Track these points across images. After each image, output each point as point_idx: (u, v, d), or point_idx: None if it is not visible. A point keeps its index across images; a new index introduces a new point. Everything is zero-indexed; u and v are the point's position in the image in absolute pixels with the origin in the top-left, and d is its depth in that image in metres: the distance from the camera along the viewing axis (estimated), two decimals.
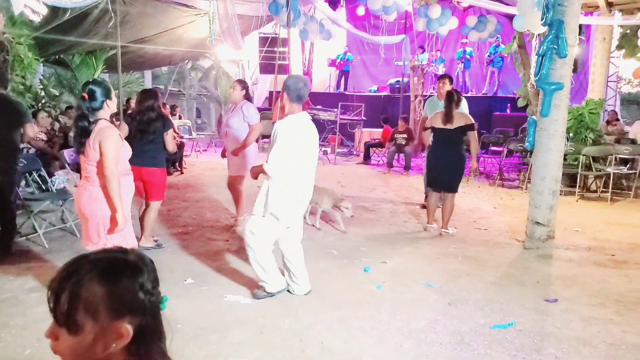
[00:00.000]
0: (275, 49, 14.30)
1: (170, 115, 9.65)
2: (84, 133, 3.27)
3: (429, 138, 5.91)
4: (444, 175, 5.78)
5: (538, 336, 3.35)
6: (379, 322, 3.52)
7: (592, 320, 3.58)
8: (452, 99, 5.73)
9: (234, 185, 5.77)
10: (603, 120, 11.55)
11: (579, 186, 8.39)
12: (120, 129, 4.36)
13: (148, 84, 16.73)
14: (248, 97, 5.67)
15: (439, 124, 5.74)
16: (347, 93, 16.24)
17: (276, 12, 10.31)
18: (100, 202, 3.29)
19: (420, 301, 3.90)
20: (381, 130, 12.47)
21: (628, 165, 8.99)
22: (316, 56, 17.96)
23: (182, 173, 9.70)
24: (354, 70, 17.76)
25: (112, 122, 3.49)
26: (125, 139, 3.56)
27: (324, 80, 18.44)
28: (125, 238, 3.43)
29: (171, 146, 5.01)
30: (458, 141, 5.75)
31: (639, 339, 3.34)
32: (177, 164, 9.77)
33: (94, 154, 3.24)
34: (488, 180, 9.90)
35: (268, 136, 4.66)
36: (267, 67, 14.62)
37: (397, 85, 15.56)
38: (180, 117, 13.31)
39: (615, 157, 8.83)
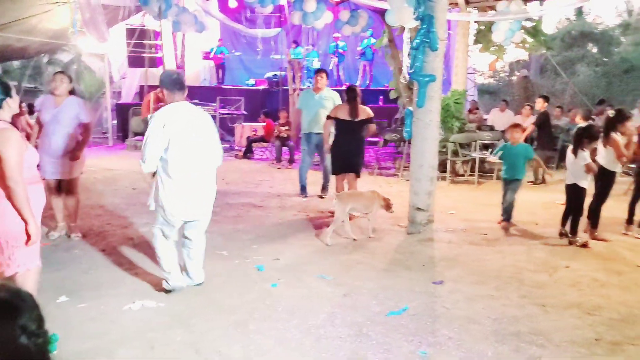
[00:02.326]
0: (145, 42, 13.54)
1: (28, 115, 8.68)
2: None
3: (330, 127, 6.39)
4: (351, 160, 6.37)
5: (430, 319, 3.50)
6: (277, 321, 3.44)
7: (476, 298, 3.82)
8: (355, 94, 6.29)
9: (71, 189, 5.22)
10: (465, 109, 12.51)
11: (449, 171, 9.01)
12: None
13: None
14: (72, 92, 5.23)
15: (345, 117, 6.24)
16: (224, 87, 15.87)
17: (145, 3, 9.71)
18: (3, 216, 2.82)
19: (316, 295, 3.88)
20: (263, 124, 12.36)
21: (490, 150, 9.83)
22: (189, 49, 17.30)
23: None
24: (230, 63, 17.41)
25: (13, 123, 2.99)
26: None
27: (198, 73, 17.85)
28: (31, 256, 3.00)
29: None
30: (360, 131, 6.37)
31: (517, 311, 3.63)
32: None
33: None
34: (367, 170, 10.24)
35: (141, 134, 4.38)
36: (136, 61, 13.78)
37: (275, 79, 15.55)
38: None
39: (478, 143, 9.61)
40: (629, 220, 5.83)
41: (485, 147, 10.00)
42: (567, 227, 5.52)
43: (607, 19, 24.79)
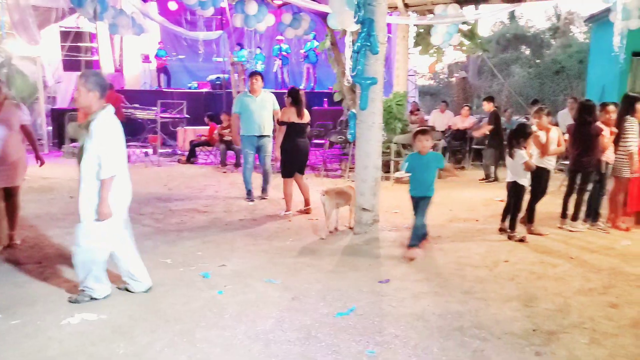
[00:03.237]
0: (81, 45, 13.04)
1: None
2: None
3: (283, 132, 6.48)
4: (303, 161, 6.65)
5: (377, 317, 3.55)
6: (224, 328, 3.39)
7: (421, 295, 3.90)
8: (299, 95, 6.50)
9: (14, 196, 5.06)
10: (407, 111, 12.79)
11: (392, 171, 9.18)
12: None
13: None
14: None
15: (296, 119, 6.43)
16: (165, 90, 15.52)
17: (79, 5, 9.34)
18: None
19: (264, 300, 3.85)
20: (207, 128, 12.16)
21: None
22: (128, 52, 16.81)
23: None
24: (172, 66, 17.05)
25: None
26: None
27: (138, 77, 17.36)
28: None
29: None
30: (305, 132, 6.64)
31: (461, 306, 3.74)
32: None
33: None
34: (314, 172, 10.28)
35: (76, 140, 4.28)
36: (72, 64, 13.24)
37: (218, 82, 15.36)
38: None
39: None
40: (563, 215, 6.12)
41: None
42: (507, 223, 5.74)
43: (537, 22, 26.05)
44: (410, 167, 4.92)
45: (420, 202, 4.90)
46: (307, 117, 6.58)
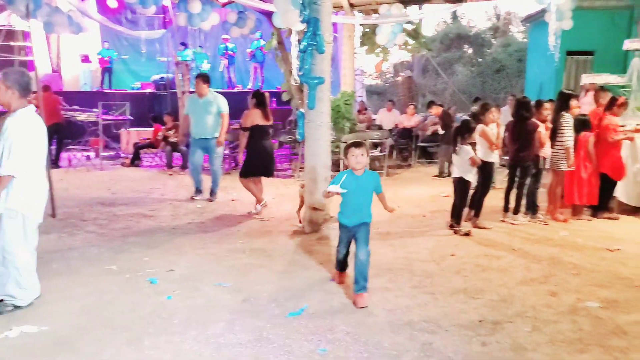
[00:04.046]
0: (13, 44, 12.41)
1: None
2: None
3: (247, 137, 6.47)
4: (270, 163, 6.62)
5: (328, 315, 3.56)
6: (173, 334, 3.31)
7: (371, 291, 3.94)
8: (264, 97, 6.55)
9: None
10: (355, 110, 12.93)
11: (342, 170, 9.23)
12: None
13: None
14: None
15: (262, 122, 6.44)
16: (106, 91, 15.02)
17: (10, 2, 8.86)
18: None
19: (214, 304, 3.80)
20: (151, 129, 11.85)
21: (379, 149, 10.25)
22: (66, 52, 16.14)
23: None
24: (113, 66, 16.50)
25: None
26: None
27: (76, 77, 16.69)
28: None
29: None
30: (270, 134, 6.70)
31: (410, 300, 3.82)
32: None
33: None
34: None
35: None
36: (4, 64, 12.58)
37: (162, 82, 15.00)
38: None
39: (369, 142, 9.97)
40: (505, 209, 6.35)
41: (375, 145, 10.40)
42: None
43: (479, 22, 26.88)
44: (343, 187, 3.75)
45: (358, 232, 3.87)
46: (271, 120, 6.61)
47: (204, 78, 7.30)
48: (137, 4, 9.45)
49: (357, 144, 3.84)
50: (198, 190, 7.49)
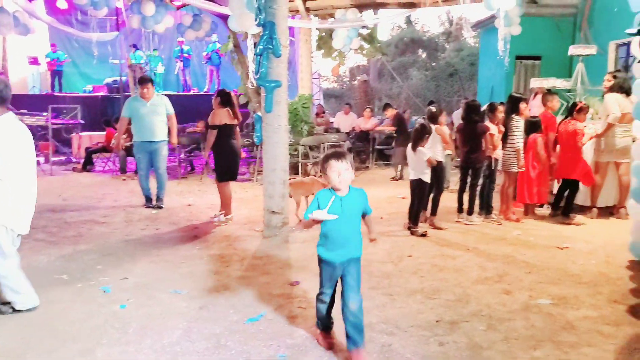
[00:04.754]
0: None
1: None
2: None
3: (214, 136, 6.23)
4: (236, 163, 6.46)
5: (288, 320, 3.54)
6: (127, 344, 3.21)
7: None
8: (230, 97, 6.42)
9: None
10: (313, 113, 12.97)
11: (301, 173, 9.26)
12: None
13: None
14: None
15: (229, 121, 6.30)
16: (57, 94, 14.52)
17: None
18: None
19: (170, 312, 3.71)
20: (104, 133, 11.52)
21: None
22: (13, 53, 15.50)
23: None
24: (63, 69, 15.97)
25: None
26: None
27: (24, 80, 16.07)
28: None
29: None
30: (236, 134, 6.49)
31: (368, 302, 3.80)
32: None
33: None
34: None
35: None
36: None
37: (116, 85, 14.63)
38: None
39: (327, 145, 10.02)
40: (459, 209, 6.50)
41: (332, 148, 10.46)
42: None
43: (432, 27, 27.46)
44: (331, 212, 2.89)
45: (347, 273, 2.98)
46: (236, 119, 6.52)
47: (150, 80, 7.14)
48: (88, 5, 9.19)
49: (338, 155, 2.92)
50: (148, 199, 7.27)
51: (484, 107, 6.78)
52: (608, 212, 6.67)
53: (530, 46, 11.63)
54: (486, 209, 6.58)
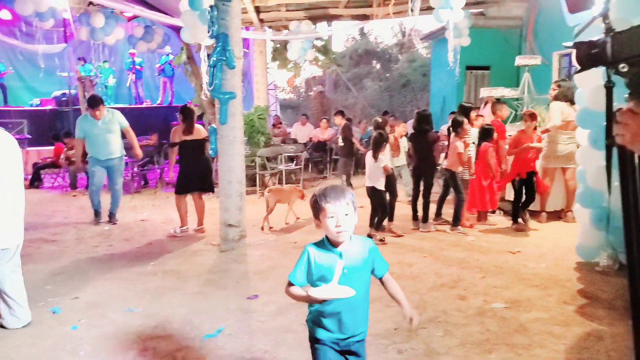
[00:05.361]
0: None
1: None
2: None
3: (175, 153, 6.45)
4: (199, 178, 6.44)
5: (247, 335, 3.49)
6: None
7: (289, 306, 3.92)
8: (191, 112, 6.47)
9: None
10: (269, 124, 12.93)
11: (259, 184, 9.20)
12: None
13: None
14: None
15: (184, 137, 6.34)
16: (1, 109, 13.94)
17: None
18: None
19: (124, 331, 3.59)
20: (52, 148, 11.13)
21: (294, 162, 10.32)
22: None
23: None
24: (8, 82, 15.35)
25: None
26: None
27: None
28: None
29: None
30: (201, 149, 6.46)
31: None
32: None
33: None
34: None
35: None
36: None
37: (64, 98, 14.18)
38: None
39: (284, 156, 10.01)
40: (414, 217, 6.60)
41: (290, 159, 10.46)
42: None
43: (385, 39, 27.96)
44: (319, 274, 2.11)
45: (351, 356, 2.25)
46: (200, 133, 6.45)
47: (101, 101, 6.93)
48: (33, 16, 8.90)
49: (335, 194, 2.04)
50: (97, 213, 7.06)
51: (449, 123, 6.88)
52: (556, 216, 6.92)
53: (480, 57, 11.99)
54: (438, 215, 6.77)
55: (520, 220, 6.42)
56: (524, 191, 6.41)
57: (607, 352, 3.17)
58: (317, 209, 2.09)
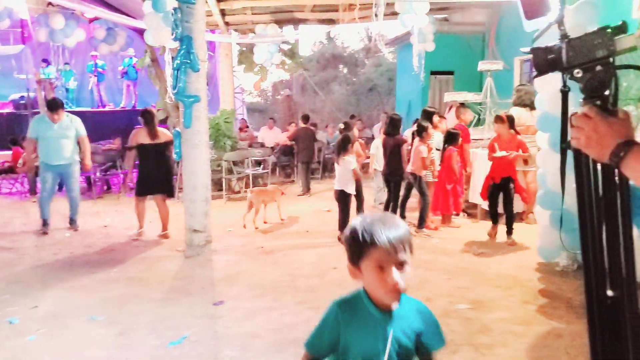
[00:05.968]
0: None
1: None
2: None
3: (134, 156, 6.42)
4: (156, 182, 6.35)
5: (213, 341, 3.45)
6: None
7: (256, 311, 3.90)
8: (152, 116, 6.40)
9: None
10: (236, 128, 12.84)
11: (225, 189, 9.11)
12: None
13: None
14: None
15: (147, 140, 6.26)
16: None
17: None
18: None
19: (86, 340, 3.50)
20: (10, 152, 10.75)
21: (262, 166, 10.27)
22: None
23: None
24: None
25: None
26: None
27: None
28: None
29: None
30: (164, 153, 6.38)
31: (294, 317, 3.82)
32: None
33: None
34: None
35: None
36: None
37: (23, 101, 13.73)
38: None
39: (251, 160, 9.95)
40: None
41: (257, 163, 10.41)
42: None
43: (352, 43, 28.13)
44: (350, 347, 1.50)
45: None
46: (163, 137, 6.38)
47: (62, 105, 6.74)
48: None
49: (389, 228, 1.41)
50: (45, 223, 6.78)
51: (413, 127, 6.98)
52: (518, 217, 7.07)
53: (444, 62, 12.19)
54: (419, 222, 6.79)
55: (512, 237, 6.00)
56: (500, 198, 6.03)
57: (566, 349, 3.26)
58: (359, 250, 1.41)
